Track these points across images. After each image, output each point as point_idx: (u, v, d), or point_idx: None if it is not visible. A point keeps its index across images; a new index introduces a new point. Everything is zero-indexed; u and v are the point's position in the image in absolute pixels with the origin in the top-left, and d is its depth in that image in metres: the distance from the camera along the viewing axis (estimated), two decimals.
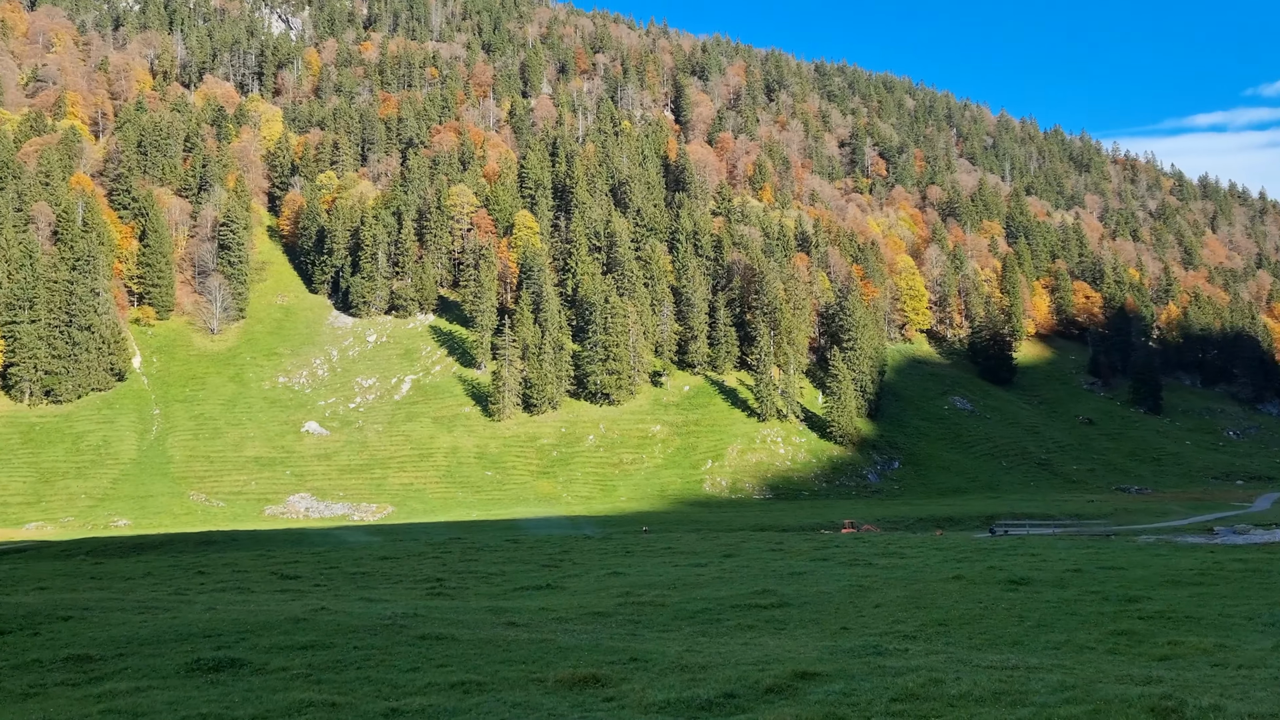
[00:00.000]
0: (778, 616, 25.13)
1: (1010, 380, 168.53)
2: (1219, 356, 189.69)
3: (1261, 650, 18.89)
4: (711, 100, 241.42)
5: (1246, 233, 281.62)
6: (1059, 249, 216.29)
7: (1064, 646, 20.12)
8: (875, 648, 19.82)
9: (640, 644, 20.38)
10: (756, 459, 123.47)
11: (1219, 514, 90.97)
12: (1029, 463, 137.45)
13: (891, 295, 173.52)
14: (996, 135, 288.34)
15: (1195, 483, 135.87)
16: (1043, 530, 74.24)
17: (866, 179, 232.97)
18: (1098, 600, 26.34)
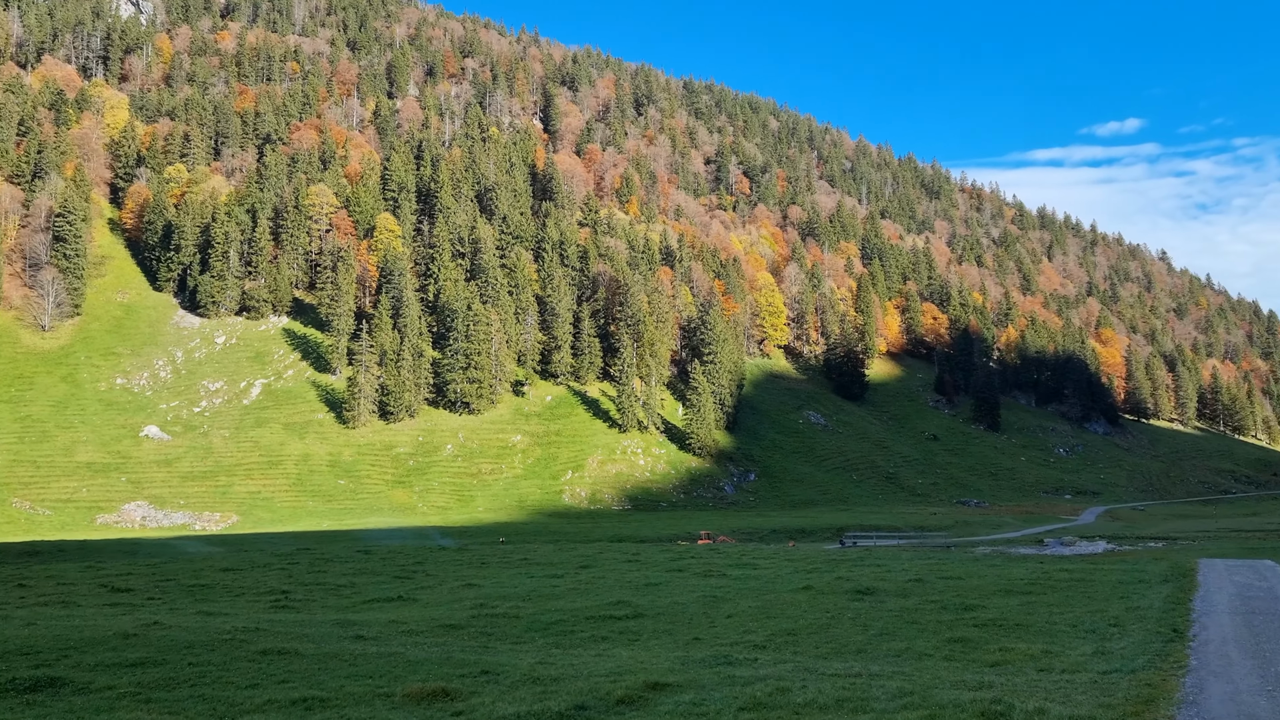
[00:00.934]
0: (632, 628, 25.21)
1: (862, 396, 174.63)
2: (1052, 378, 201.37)
3: (1083, 655, 20.00)
4: (581, 111, 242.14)
5: (1079, 262, 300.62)
6: (910, 271, 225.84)
7: (904, 654, 20.82)
8: (726, 658, 20.11)
9: (492, 656, 20.11)
10: (617, 470, 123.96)
11: (1049, 526, 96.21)
12: (878, 476, 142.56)
13: (752, 311, 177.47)
14: (855, 160, 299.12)
15: (1028, 497, 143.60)
16: (889, 542, 77.00)
17: (730, 196, 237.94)
18: (937, 609, 27.43)
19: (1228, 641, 21.01)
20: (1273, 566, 39.90)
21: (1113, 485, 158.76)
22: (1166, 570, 38.12)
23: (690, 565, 43.63)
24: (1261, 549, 59.08)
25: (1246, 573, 36.82)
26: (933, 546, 68.87)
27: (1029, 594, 30.81)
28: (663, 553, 54.42)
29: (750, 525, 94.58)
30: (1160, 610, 26.25)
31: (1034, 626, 24.08)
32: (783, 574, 38.95)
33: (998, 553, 59.35)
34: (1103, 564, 44.69)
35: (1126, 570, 39.27)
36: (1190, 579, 34.39)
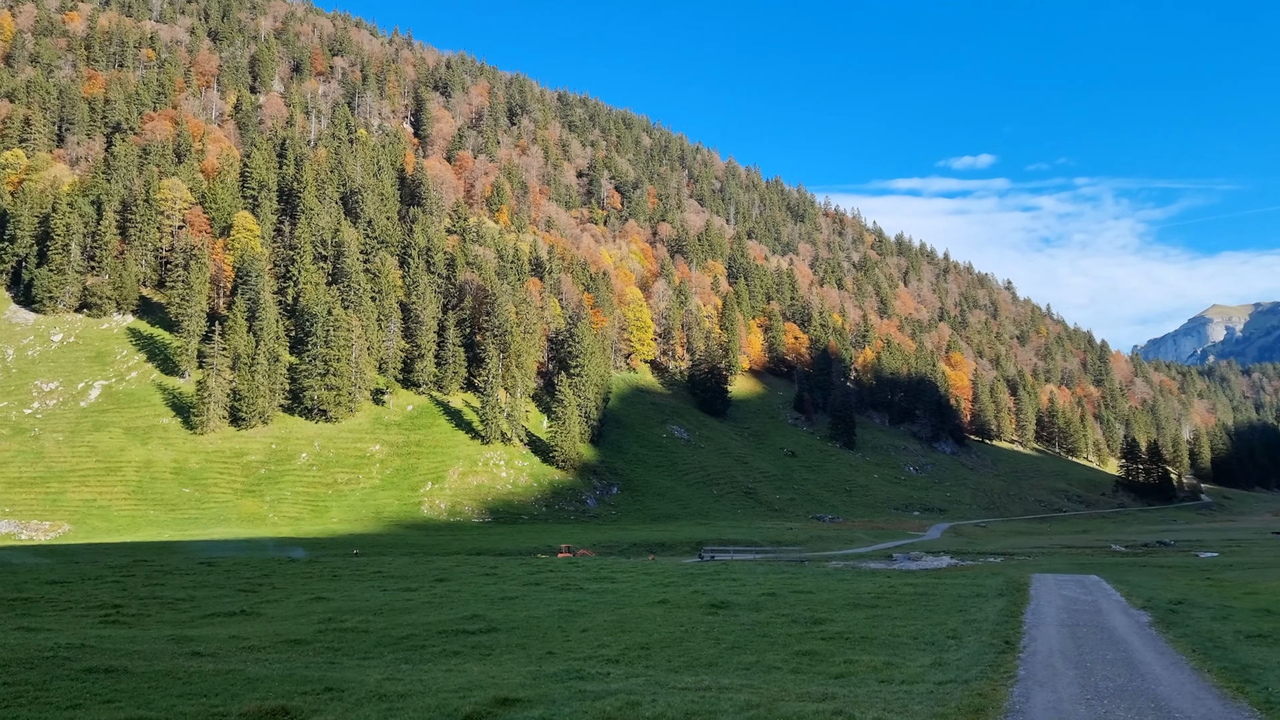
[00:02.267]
0: (485, 642, 24.88)
1: (725, 412, 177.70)
2: (905, 399, 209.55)
3: (922, 666, 20.74)
4: (453, 117, 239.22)
5: (932, 288, 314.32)
6: (774, 291, 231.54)
7: (754, 667, 21.17)
8: (578, 672, 20.03)
9: (338, 673, 19.50)
10: (478, 482, 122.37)
11: (898, 542, 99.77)
12: (737, 491, 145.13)
13: (620, 325, 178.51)
14: (724, 180, 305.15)
15: (880, 513, 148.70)
16: (746, 556, 78.39)
17: (602, 210, 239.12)
18: (787, 622, 28.04)
19: (1054, 653, 22.17)
20: (1098, 581, 42.40)
21: (958, 503, 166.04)
22: (1002, 585, 40.03)
23: (548, 579, 43.40)
24: (1089, 564, 62.77)
25: (1074, 587, 39.00)
26: (787, 561, 70.48)
27: (875, 608, 31.85)
28: (521, 566, 53.97)
29: (611, 538, 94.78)
30: (995, 623, 27.51)
31: (878, 639, 24.87)
32: (640, 588, 39.17)
33: (849, 567, 61.16)
34: (945, 578, 46.60)
35: (966, 585, 41.06)
36: (1023, 593, 36.20)
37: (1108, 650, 22.48)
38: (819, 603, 33.15)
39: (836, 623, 27.87)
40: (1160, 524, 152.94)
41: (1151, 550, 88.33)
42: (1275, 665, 20.45)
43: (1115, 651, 22.31)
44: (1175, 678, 19.15)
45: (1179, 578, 48.09)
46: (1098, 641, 23.86)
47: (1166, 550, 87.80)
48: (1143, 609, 30.81)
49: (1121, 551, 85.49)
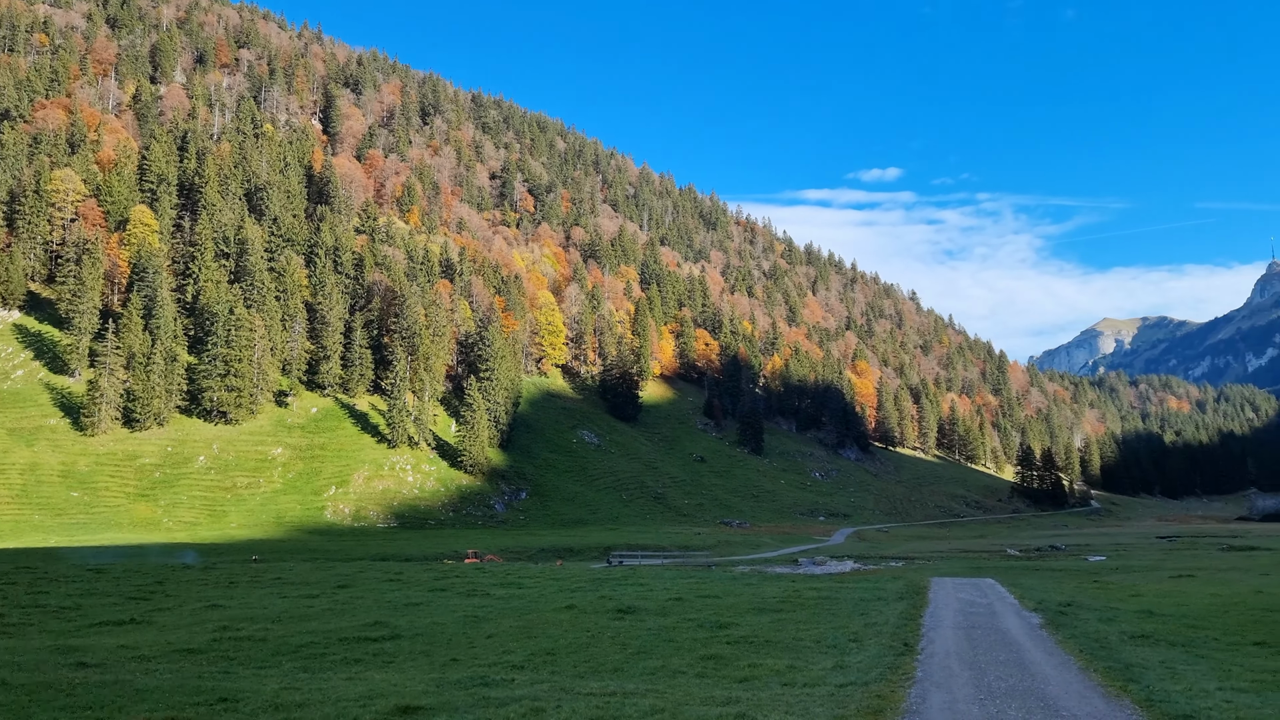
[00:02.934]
0: (388, 649, 24.45)
1: (635, 418, 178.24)
2: (812, 405, 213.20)
3: (824, 669, 21.08)
4: (364, 115, 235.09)
5: (840, 297, 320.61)
6: (686, 298, 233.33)
7: (659, 672, 21.24)
8: (482, 679, 19.84)
9: (233, 683, 18.93)
10: (384, 486, 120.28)
11: (803, 547, 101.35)
12: (647, 496, 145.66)
13: (531, 329, 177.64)
14: (638, 186, 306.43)
15: (786, 518, 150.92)
16: (654, 561, 78.68)
17: (515, 213, 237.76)
18: (694, 627, 28.21)
19: (950, 654, 22.77)
20: (993, 584, 43.73)
21: (861, 508, 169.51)
22: (902, 588, 40.97)
23: (454, 585, 42.89)
24: (986, 568, 64.71)
25: (971, 590, 40.15)
26: (695, 565, 70.97)
27: (780, 612, 32.28)
28: (427, 572, 53.21)
29: (520, 544, 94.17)
30: (895, 626, 28.13)
31: (782, 643, 25.20)
32: (547, 593, 38.98)
33: (755, 572, 61.86)
34: (848, 582, 47.50)
35: (868, 588, 41.91)
36: (923, 596, 37.12)
37: (1001, 651, 23.19)
38: (725, 607, 33.45)
39: (742, 627, 28.15)
40: (1052, 529, 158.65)
41: (1044, 554, 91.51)
42: (1156, 664, 21.37)
43: (1008, 652, 23.03)
44: (1063, 677, 19.85)
45: (1069, 581, 49.91)
46: (992, 643, 24.59)
47: (1058, 554, 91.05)
48: (1034, 611, 31.87)
49: (1016, 555, 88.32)
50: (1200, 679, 19.65)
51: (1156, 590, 42.53)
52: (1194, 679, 19.63)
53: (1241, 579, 51.54)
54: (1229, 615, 31.41)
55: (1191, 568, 63.01)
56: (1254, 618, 30.70)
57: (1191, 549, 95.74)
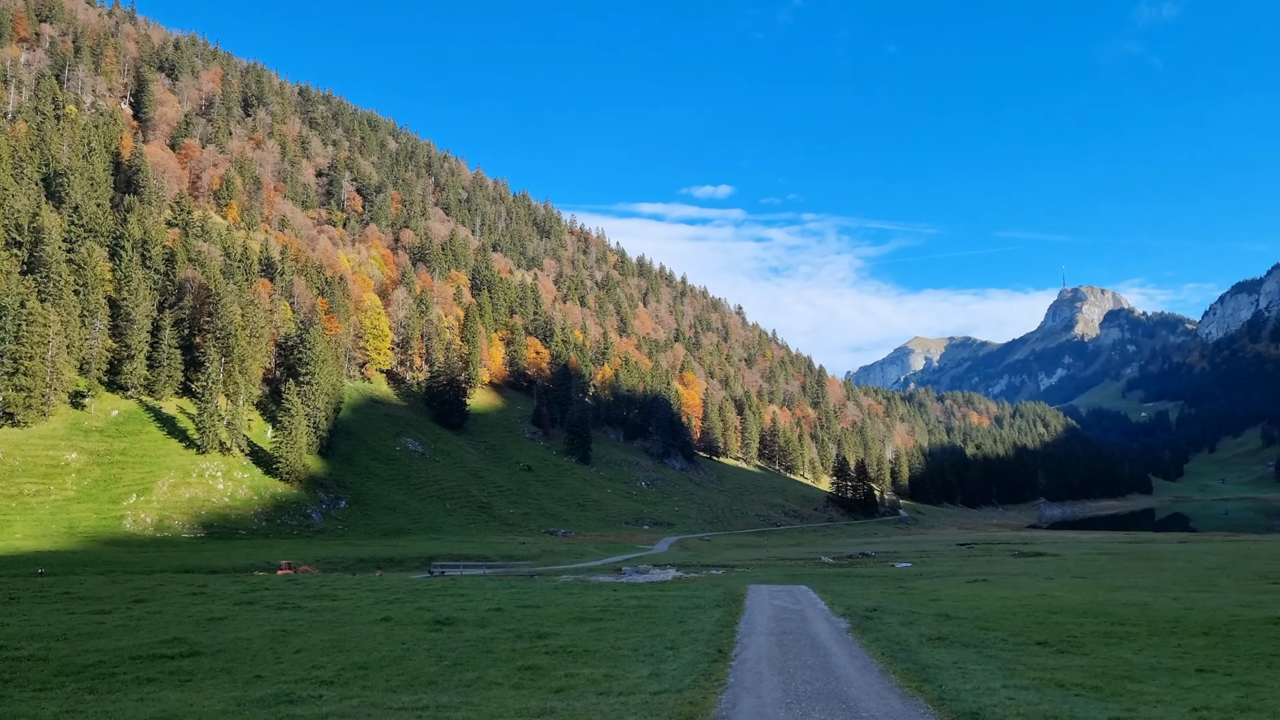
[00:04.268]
0: (186, 667, 23.09)
1: (462, 425, 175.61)
2: (639, 415, 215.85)
3: (640, 677, 21.29)
4: (180, 102, 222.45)
5: (670, 310, 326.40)
6: (517, 305, 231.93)
7: (475, 683, 20.95)
8: (288, 696, 19.07)
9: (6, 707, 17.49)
10: (191, 494, 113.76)
11: (627, 555, 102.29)
12: (471, 505, 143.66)
13: (356, 333, 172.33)
14: (471, 190, 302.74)
15: (612, 527, 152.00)
16: (476, 571, 77.64)
17: (342, 213, 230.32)
18: (512, 637, 27.98)
19: (762, 660, 23.43)
20: (806, 591, 45.31)
21: (685, 516, 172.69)
22: (720, 596, 41.92)
23: (263, 597, 40.99)
24: (801, 575, 67.03)
25: (785, 597, 41.46)
26: (518, 575, 70.48)
27: (600, 621, 32.40)
28: (235, 584, 50.67)
29: (337, 554, 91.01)
30: (711, 633, 28.71)
31: (600, 652, 25.29)
32: (363, 605, 37.80)
33: (578, 581, 61.97)
34: (669, 590, 48.21)
35: (687, 596, 42.67)
36: (739, 604, 38.05)
37: (809, 656, 24.04)
38: (545, 617, 33.33)
39: (561, 637, 28.11)
40: (864, 537, 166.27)
41: (855, 561, 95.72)
42: (949, 665, 22.65)
43: (816, 657, 23.90)
44: (865, 679, 20.75)
45: (876, 586, 52.32)
46: (801, 648, 25.46)
47: (868, 561, 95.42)
48: (842, 616, 33.21)
49: (829, 563, 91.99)
50: (988, 678, 20.94)
51: (954, 595, 45.09)
52: (982, 678, 20.90)
53: (1029, 583, 55.35)
54: (1016, 617, 33.63)
55: (986, 573, 67.22)
56: (1038, 619, 33.00)
57: (987, 555, 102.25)
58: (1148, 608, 36.79)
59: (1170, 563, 76.78)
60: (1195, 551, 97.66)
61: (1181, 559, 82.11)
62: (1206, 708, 17.83)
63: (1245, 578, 57.79)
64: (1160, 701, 18.72)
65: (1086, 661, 23.95)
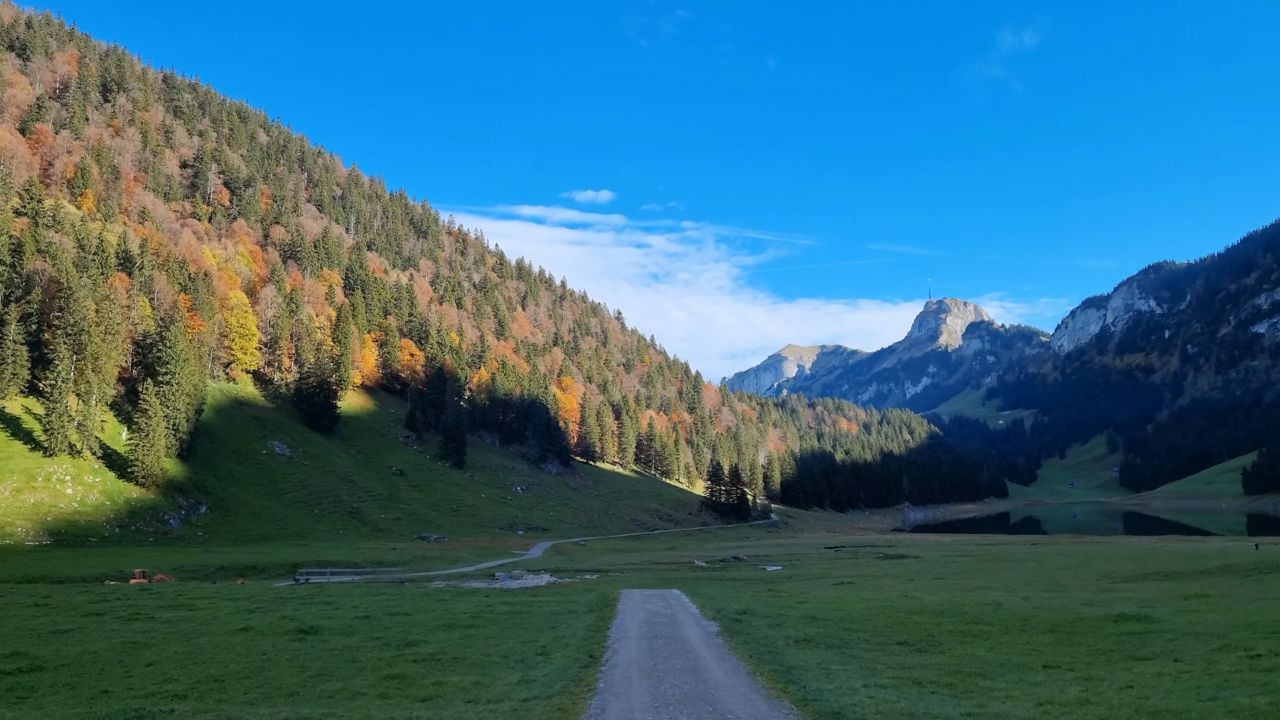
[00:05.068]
0: (26, 683, 21.78)
1: (333, 429, 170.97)
2: (516, 419, 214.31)
3: (510, 684, 21.13)
4: (32, 84, 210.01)
5: (549, 313, 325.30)
6: (392, 306, 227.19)
7: (339, 694, 20.46)
8: (137, 711, 18.26)
9: None
10: (36, 499, 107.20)
11: (501, 561, 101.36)
12: (341, 511, 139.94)
13: (221, 331, 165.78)
14: (346, 188, 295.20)
15: (486, 532, 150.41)
16: (344, 578, 75.67)
17: (208, 206, 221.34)
18: (379, 646, 27.40)
19: (632, 665, 23.54)
20: (678, 595, 45.76)
21: (560, 521, 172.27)
22: (593, 601, 41.95)
23: (114, 608, 38.98)
24: (674, 579, 67.66)
25: (657, 601, 41.77)
26: (388, 582, 69.01)
27: (471, 627, 32.02)
28: (83, 594, 48.02)
29: (196, 562, 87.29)
30: (582, 638, 28.70)
31: (470, 659, 24.99)
32: (221, 615, 36.38)
33: (450, 587, 61.08)
34: (542, 596, 47.99)
35: (560, 601, 42.57)
36: (612, 608, 38.16)
37: (679, 660, 24.27)
38: (414, 624, 32.75)
39: (430, 644, 27.67)
40: (736, 540, 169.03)
41: (728, 565, 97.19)
42: (814, 666, 23.22)
43: (685, 661, 24.15)
44: (732, 682, 21.08)
45: (747, 590, 53.23)
46: (671, 652, 25.69)
47: (740, 564, 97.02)
48: (713, 620, 33.67)
49: (702, 566, 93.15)
50: (850, 678, 21.56)
51: (821, 597, 46.26)
52: (845, 678, 21.50)
53: (892, 585, 57.25)
54: (879, 618, 34.73)
55: (852, 575, 69.23)
56: (899, 620, 34.15)
57: (854, 558, 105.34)
58: (1000, 607, 38.51)
59: (1022, 564, 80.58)
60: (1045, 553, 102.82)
61: (1033, 560, 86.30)
62: (1051, 702, 18.77)
63: (1089, 578, 61.13)
64: (1009, 697, 19.61)
65: (943, 660, 24.91)
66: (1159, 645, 26.72)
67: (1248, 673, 21.01)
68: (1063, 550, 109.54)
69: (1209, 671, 21.65)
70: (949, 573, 70.40)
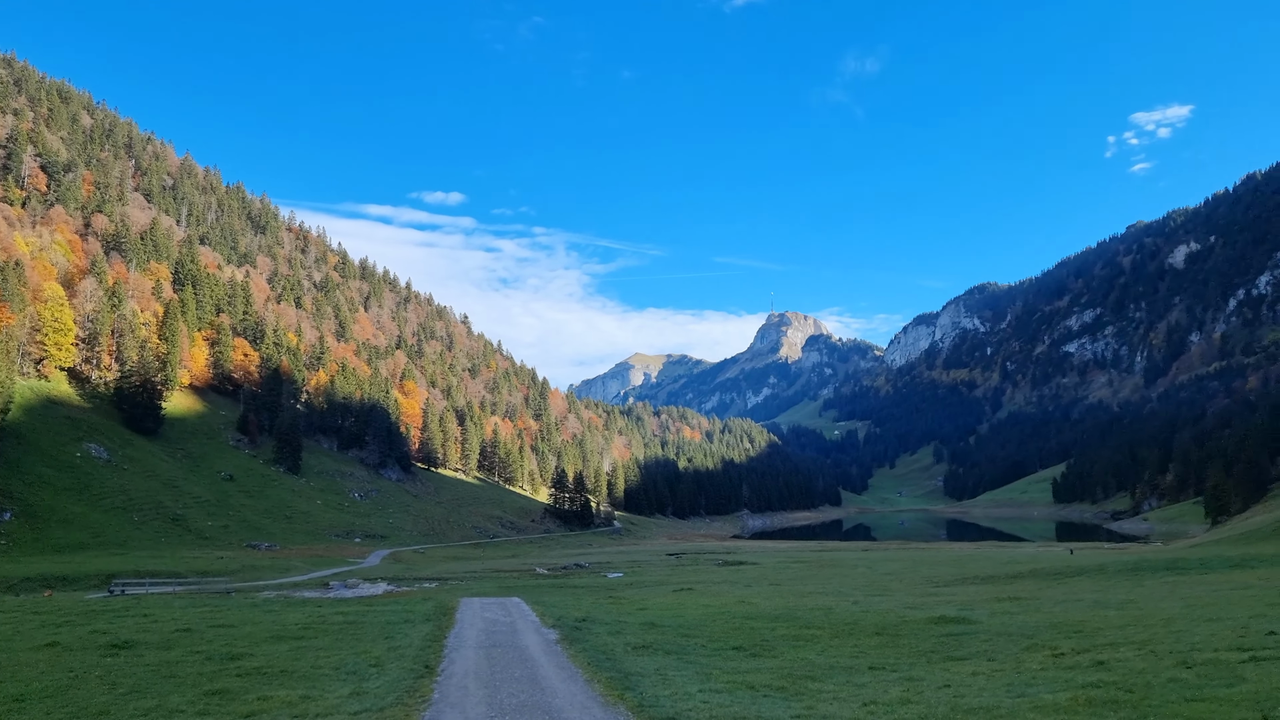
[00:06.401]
0: None
1: (157, 431, 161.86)
2: (356, 424, 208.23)
3: (340, 697, 20.46)
4: None
5: (392, 316, 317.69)
6: (226, 304, 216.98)
7: (154, 712, 19.40)
8: None
9: None
10: None
11: (336, 569, 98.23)
12: (164, 518, 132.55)
13: (33, 325, 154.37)
14: (178, 178, 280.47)
15: (321, 540, 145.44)
16: (165, 589, 71.69)
17: (22, 190, 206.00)
18: (201, 660, 26.08)
19: (469, 674, 23.17)
20: (519, 603, 45.40)
21: (400, 529, 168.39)
22: (431, 609, 41.13)
23: None
24: (515, 587, 67.15)
25: (497, 609, 41.32)
26: (213, 593, 65.79)
27: (301, 639, 30.84)
28: None
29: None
30: (419, 648, 28.09)
31: (299, 672, 24.06)
32: (25, 629, 33.80)
33: (281, 597, 58.76)
34: (378, 605, 46.71)
35: (397, 610, 41.54)
36: (450, 617, 37.51)
37: (517, 668, 24.05)
38: (240, 636, 31.30)
39: (256, 657, 26.50)
40: (579, 548, 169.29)
41: (569, 572, 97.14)
42: (652, 672, 23.43)
43: (523, 669, 23.95)
44: (570, 690, 21.04)
45: (588, 597, 53.34)
46: (509, 660, 25.44)
47: (582, 572, 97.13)
48: (552, 627, 33.54)
49: (544, 574, 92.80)
50: (686, 683, 21.86)
51: (661, 603, 46.79)
52: (681, 683, 21.79)
53: (730, 590, 58.48)
54: (716, 624, 35.38)
55: (692, 581, 70.37)
56: (735, 625, 34.89)
57: (694, 565, 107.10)
58: (831, 611, 39.89)
59: (854, 569, 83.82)
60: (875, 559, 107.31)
61: (863, 566, 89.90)
62: (875, 702, 19.53)
63: (914, 582, 64.12)
64: (836, 698, 20.31)
65: (776, 663, 25.58)
66: (975, 645, 28.22)
67: (1052, 670, 22.44)
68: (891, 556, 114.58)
69: (1018, 669, 23.00)
70: (784, 578, 72.48)
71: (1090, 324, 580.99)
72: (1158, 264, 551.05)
